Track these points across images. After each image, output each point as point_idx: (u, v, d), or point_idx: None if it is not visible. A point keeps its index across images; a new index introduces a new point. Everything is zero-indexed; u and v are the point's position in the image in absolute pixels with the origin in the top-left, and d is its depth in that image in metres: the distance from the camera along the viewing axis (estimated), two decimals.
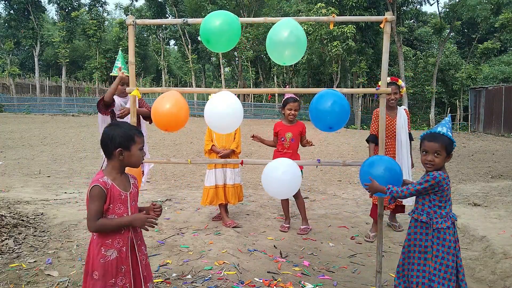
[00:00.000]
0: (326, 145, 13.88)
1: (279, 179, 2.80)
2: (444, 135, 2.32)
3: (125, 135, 2.08)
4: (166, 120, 2.79)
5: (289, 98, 4.41)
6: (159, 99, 2.82)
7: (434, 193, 2.33)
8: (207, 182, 4.65)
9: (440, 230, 2.33)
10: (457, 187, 6.66)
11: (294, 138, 4.41)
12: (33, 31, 31.87)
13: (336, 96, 2.71)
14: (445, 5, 29.20)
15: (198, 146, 12.45)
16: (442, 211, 2.34)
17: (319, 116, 2.73)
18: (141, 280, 2.09)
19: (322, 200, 6.03)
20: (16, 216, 4.36)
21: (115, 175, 2.10)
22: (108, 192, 2.02)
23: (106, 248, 2.02)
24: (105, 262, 2.01)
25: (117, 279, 2.03)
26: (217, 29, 2.69)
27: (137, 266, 2.10)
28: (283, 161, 2.89)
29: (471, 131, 23.27)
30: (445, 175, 2.32)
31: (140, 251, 2.14)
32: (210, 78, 43.84)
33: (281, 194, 3.03)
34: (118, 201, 2.05)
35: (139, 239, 2.17)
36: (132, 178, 2.21)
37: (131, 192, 2.13)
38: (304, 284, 3.15)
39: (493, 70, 28.88)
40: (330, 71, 25.46)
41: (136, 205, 2.19)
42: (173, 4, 33.10)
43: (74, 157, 9.87)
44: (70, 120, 22.15)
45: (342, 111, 2.69)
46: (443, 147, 2.30)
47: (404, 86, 4.30)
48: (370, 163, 2.72)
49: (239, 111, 2.80)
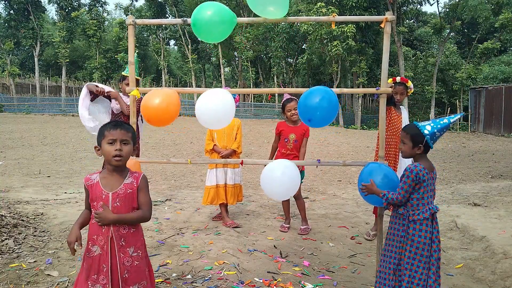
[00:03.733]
0: (326, 145, 13.88)
1: (277, 180, 2.80)
2: (417, 127, 2.43)
3: (99, 132, 2.15)
4: (155, 114, 2.79)
5: (285, 100, 4.40)
6: (148, 94, 2.85)
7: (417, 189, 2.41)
8: (208, 181, 4.65)
9: (417, 221, 2.40)
10: (457, 187, 6.66)
11: (298, 139, 4.38)
12: (33, 31, 31.85)
13: (323, 92, 2.72)
14: (445, 5, 29.22)
15: (198, 146, 12.45)
16: (420, 202, 2.41)
17: (306, 110, 2.74)
18: (118, 281, 2.06)
19: (322, 200, 6.03)
20: (16, 216, 4.36)
21: (106, 174, 2.15)
22: (89, 188, 2.12)
23: (93, 243, 2.09)
24: (89, 257, 2.08)
25: (99, 276, 2.05)
26: (208, 18, 2.67)
27: (115, 267, 2.06)
28: (281, 162, 2.89)
29: (471, 131, 23.28)
30: (420, 167, 2.39)
31: (124, 253, 2.08)
32: (210, 78, 43.83)
33: (280, 195, 3.02)
34: (100, 199, 2.08)
35: (125, 240, 2.09)
36: (130, 178, 2.14)
37: (115, 192, 2.08)
38: (304, 284, 3.15)
39: (493, 70, 28.88)
40: (330, 71, 25.46)
41: (127, 205, 2.10)
42: (173, 4, 33.10)
43: (74, 157, 9.87)
44: (70, 120, 22.15)
45: (329, 106, 2.69)
46: (407, 136, 2.45)
47: (412, 87, 4.31)
48: (370, 172, 2.72)
49: (229, 105, 2.76)
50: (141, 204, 2.14)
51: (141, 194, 2.14)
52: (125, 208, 2.10)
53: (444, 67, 27.20)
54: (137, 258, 2.13)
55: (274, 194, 2.97)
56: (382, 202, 2.65)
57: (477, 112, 23.35)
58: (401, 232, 2.44)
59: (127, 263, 2.10)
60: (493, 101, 21.87)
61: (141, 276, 2.14)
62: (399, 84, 4.18)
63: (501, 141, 17.24)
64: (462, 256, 3.73)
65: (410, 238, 2.40)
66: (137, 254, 2.13)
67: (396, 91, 4.17)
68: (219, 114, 2.75)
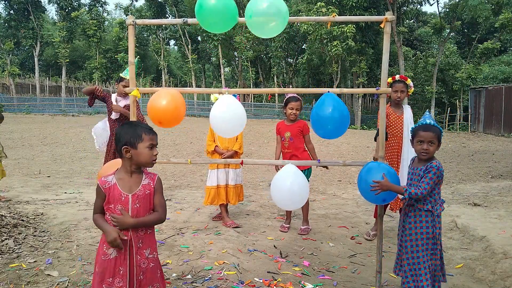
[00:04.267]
0: (326, 145, 13.88)
1: (288, 193, 2.81)
2: (435, 126, 2.51)
3: (132, 133, 2.08)
4: (163, 116, 2.80)
5: (291, 97, 4.37)
6: (155, 95, 2.84)
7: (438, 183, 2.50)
8: (209, 182, 4.64)
9: (440, 215, 2.52)
10: (457, 187, 6.66)
11: (293, 137, 4.35)
12: (33, 31, 31.87)
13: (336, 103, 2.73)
14: (445, 5, 29.21)
15: (198, 146, 12.45)
16: (438, 197, 2.52)
17: (320, 122, 2.76)
18: (133, 284, 2.07)
19: (322, 200, 6.03)
20: (16, 216, 4.37)
21: (123, 175, 2.11)
22: (106, 191, 2.06)
23: (108, 246, 2.05)
24: (105, 260, 2.06)
25: (114, 280, 2.04)
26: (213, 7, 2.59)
27: (133, 269, 2.07)
28: (288, 170, 2.87)
29: (471, 131, 23.27)
30: (440, 163, 2.50)
31: (141, 255, 2.10)
32: (210, 78, 43.84)
33: (292, 205, 3.08)
34: (119, 201, 2.06)
35: (142, 241, 2.11)
36: (147, 179, 2.14)
37: (135, 193, 2.09)
38: (304, 284, 3.15)
39: (493, 70, 28.87)
40: (330, 71, 25.47)
41: (145, 207, 2.11)
42: (173, 4, 33.12)
43: (74, 157, 9.87)
44: (70, 120, 22.16)
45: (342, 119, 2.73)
46: (436, 136, 2.49)
47: (412, 86, 4.25)
48: (368, 170, 2.71)
49: (243, 117, 2.84)
50: (156, 205, 2.14)
51: (157, 196, 2.15)
52: (144, 209, 2.10)
53: (444, 67, 27.20)
54: (153, 259, 2.15)
55: (285, 206, 3.01)
56: (382, 200, 2.65)
57: (477, 112, 23.34)
58: (431, 229, 2.49)
59: (143, 265, 2.10)
60: (493, 101, 21.87)
61: (154, 278, 2.15)
62: (398, 82, 4.13)
63: (501, 141, 17.24)
64: (462, 256, 3.73)
65: (438, 233, 2.49)
66: (153, 256, 2.16)
67: (396, 88, 4.12)
68: (235, 126, 2.83)
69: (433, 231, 2.49)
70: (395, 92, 4.14)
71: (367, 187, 2.61)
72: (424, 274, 2.47)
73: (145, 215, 2.10)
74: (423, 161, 2.53)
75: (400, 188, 2.51)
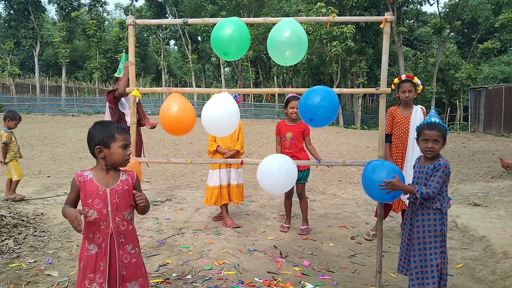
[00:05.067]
0: (326, 145, 13.88)
1: (273, 174, 2.82)
2: (441, 124, 2.52)
3: (105, 133, 2.09)
4: (175, 125, 2.90)
5: (292, 97, 4.37)
6: (167, 103, 2.87)
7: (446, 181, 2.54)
8: (211, 182, 4.62)
9: (447, 212, 2.55)
10: (457, 187, 6.66)
11: (295, 137, 4.36)
12: (33, 31, 31.84)
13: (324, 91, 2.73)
14: (445, 5, 29.21)
15: (198, 146, 12.45)
16: (445, 195, 2.55)
17: (307, 109, 2.76)
18: (116, 279, 2.07)
19: (322, 200, 6.03)
20: (16, 216, 4.37)
21: (100, 172, 2.12)
22: (81, 185, 2.07)
23: (90, 242, 2.07)
24: (87, 256, 2.07)
25: (95, 275, 2.05)
26: (228, 37, 2.70)
27: (114, 264, 2.07)
28: (276, 157, 2.91)
29: (471, 131, 23.28)
30: (447, 161, 2.52)
31: (123, 250, 2.10)
32: (210, 78, 43.84)
33: (277, 188, 3.05)
34: (96, 196, 2.06)
35: (124, 236, 2.11)
36: (125, 175, 2.16)
37: (113, 188, 2.09)
38: (304, 284, 3.15)
39: (493, 70, 28.87)
40: (330, 71, 25.46)
41: (125, 202, 2.11)
42: (173, 4, 33.08)
43: (74, 157, 9.87)
44: (70, 120, 22.15)
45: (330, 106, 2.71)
46: (441, 134, 2.51)
47: (420, 84, 4.14)
48: (372, 168, 2.70)
49: (235, 114, 2.82)
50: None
51: (138, 190, 2.21)
52: (124, 205, 2.11)
53: (444, 67, 27.20)
54: (135, 255, 2.16)
55: (270, 187, 2.99)
56: (390, 198, 2.64)
57: (477, 112, 23.34)
58: (439, 227, 2.51)
59: (125, 260, 2.11)
60: (493, 101, 21.87)
61: (138, 274, 2.16)
62: (405, 82, 4.07)
63: (501, 141, 17.24)
64: (462, 256, 3.73)
65: (445, 230, 2.52)
66: (135, 251, 2.16)
67: (404, 88, 4.06)
68: (226, 124, 2.84)
69: (442, 229, 2.51)
70: (403, 92, 4.07)
71: (374, 185, 2.59)
72: (431, 272, 2.48)
73: (125, 210, 2.12)
74: (429, 159, 2.54)
75: (412, 188, 2.50)
